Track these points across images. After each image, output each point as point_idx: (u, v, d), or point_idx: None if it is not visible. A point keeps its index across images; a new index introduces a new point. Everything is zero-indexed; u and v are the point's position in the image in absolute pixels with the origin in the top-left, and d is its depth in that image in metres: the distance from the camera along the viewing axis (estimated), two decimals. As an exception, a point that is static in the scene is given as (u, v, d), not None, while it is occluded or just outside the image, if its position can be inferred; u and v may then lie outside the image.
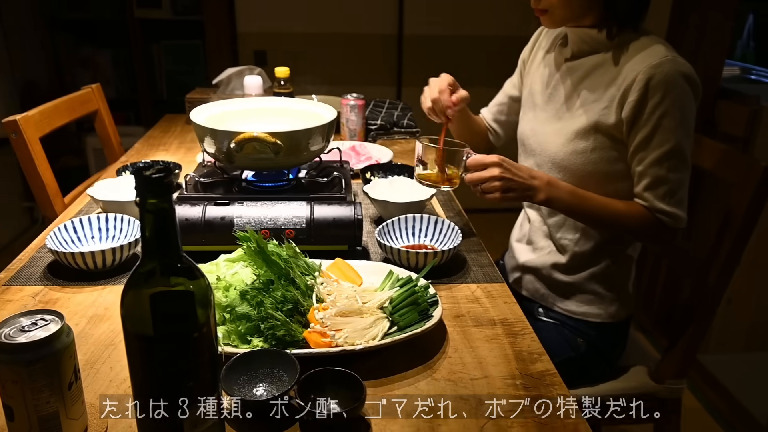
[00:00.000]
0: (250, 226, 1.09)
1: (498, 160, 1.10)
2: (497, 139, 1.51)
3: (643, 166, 1.15)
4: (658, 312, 2.52)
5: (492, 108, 1.52)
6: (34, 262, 1.11)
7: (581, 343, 1.30)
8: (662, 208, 1.15)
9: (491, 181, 1.09)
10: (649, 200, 1.16)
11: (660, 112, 1.10)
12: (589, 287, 1.30)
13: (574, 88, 1.23)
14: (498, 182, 1.09)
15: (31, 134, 1.39)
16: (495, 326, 0.96)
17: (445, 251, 1.08)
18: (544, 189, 1.14)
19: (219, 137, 1.17)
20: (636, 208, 1.18)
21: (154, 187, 0.56)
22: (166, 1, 3.33)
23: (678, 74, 1.09)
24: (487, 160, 1.10)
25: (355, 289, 0.94)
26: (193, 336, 0.60)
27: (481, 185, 1.10)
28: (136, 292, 0.60)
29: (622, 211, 1.18)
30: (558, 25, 1.22)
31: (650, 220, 1.17)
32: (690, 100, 1.12)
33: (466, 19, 3.16)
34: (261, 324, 0.83)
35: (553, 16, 1.17)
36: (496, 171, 1.09)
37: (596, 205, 1.18)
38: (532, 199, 1.14)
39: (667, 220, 1.16)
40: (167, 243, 0.59)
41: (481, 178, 1.10)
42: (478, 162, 1.10)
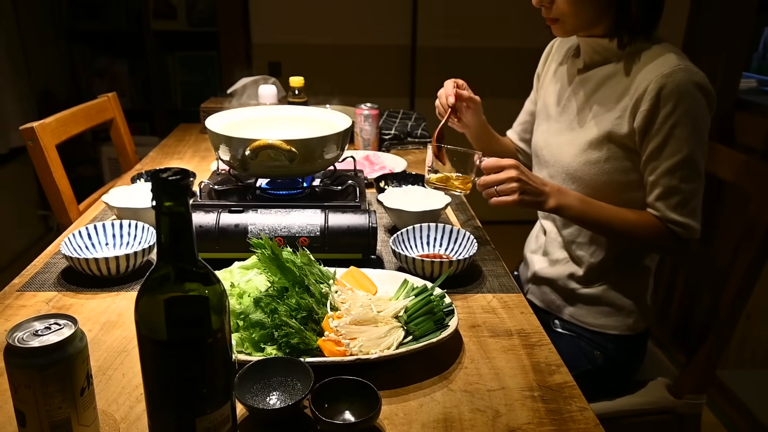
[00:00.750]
0: (264, 233, 1.09)
1: (515, 163, 1.10)
2: (527, 159, 1.50)
3: (655, 176, 1.14)
4: (674, 325, 2.48)
5: (516, 128, 1.51)
6: (49, 268, 1.11)
7: (598, 355, 1.28)
8: (674, 218, 1.13)
9: (508, 182, 1.09)
10: (661, 210, 1.14)
11: (672, 122, 1.09)
12: (606, 299, 1.28)
13: (586, 98, 1.22)
14: (515, 183, 1.09)
15: (47, 141, 1.40)
16: (512, 337, 0.95)
17: (460, 260, 1.07)
18: (555, 195, 1.13)
19: (234, 144, 1.16)
20: (647, 218, 1.16)
21: (171, 189, 0.56)
22: (182, 12, 3.37)
23: (690, 83, 1.08)
24: (503, 162, 1.10)
25: (369, 298, 0.92)
26: (207, 342, 0.59)
27: (498, 186, 1.09)
28: (151, 297, 0.59)
29: (633, 220, 1.17)
30: (569, 35, 1.21)
31: (662, 230, 1.15)
32: (703, 109, 1.10)
33: (480, 30, 3.16)
34: (275, 332, 0.82)
35: (564, 26, 1.17)
36: (513, 173, 1.08)
37: (606, 213, 1.17)
38: (543, 205, 1.13)
39: (679, 231, 1.14)
40: (183, 247, 0.58)
41: (498, 179, 1.09)
42: (494, 164, 1.10)
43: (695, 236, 1.15)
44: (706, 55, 2.41)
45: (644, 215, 1.17)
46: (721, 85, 2.36)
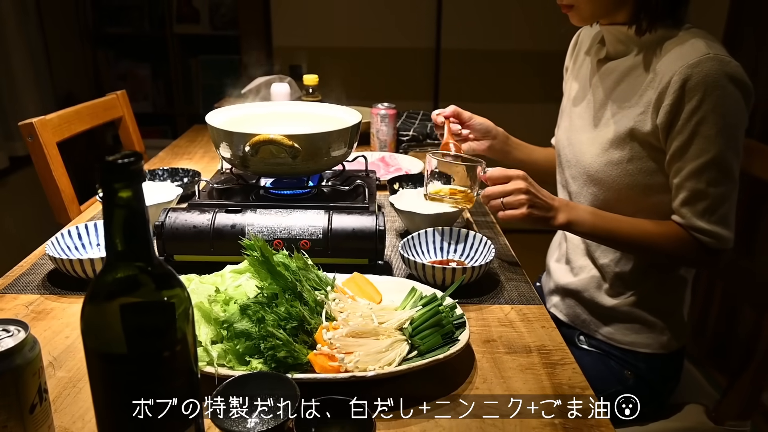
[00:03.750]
0: (262, 235, 1.01)
1: (523, 173, 1.01)
2: None
3: (679, 179, 1.02)
4: (712, 341, 2.32)
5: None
6: (35, 269, 1.05)
7: (629, 375, 1.16)
8: (701, 226, 1.02)
9: (516, 194, 1.00)
10: (687, 217, 1.03)
11: (697, 118, 0.97)
12: (636, 313, 1.16)
13: (609, 92, 1.11)
14: (524, 195, 1.00)
15: (47, 138, 1.34)
16: (530, 354, 0.84)
17: (475, 267, 0.97)
18: (564, 210, 1.04)
19: (234, 140, 1.09)
20: (670, 228, 1.05)
21: (120, 174, 0.47)
22: (205, 16, 3.35)
23: (721, 74, 0.95)
24: (510, 172, 1.02)
25: (371, 307, 0.83)
26: (167, 355, 0.51)
27: (505, 199, 1.00)
28: (101, 304, 0.51)
29: (654, 232, 1.05)
30: (587, 22, 1.10)
31: (687, 241, 1.04)
32: (736, 103, 0.97)
33: (506, 32, 3.06)
34: (261, 343, 0.73)
35: (580, 12, 1.06)
36: (521, 184, 1.00)
37: (623, 226, 1.06)
38: (552, 221, 1.03)
39: (707, 240, 1.02)
40: (137, 244, 0.50)
41: (505, 191, 1.00)
42: (501, 174, 1.02)
43: (726, 246, 1.03)
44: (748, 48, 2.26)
45: (666, 225, 1.05)
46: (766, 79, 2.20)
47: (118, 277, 0.50)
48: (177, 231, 1.01)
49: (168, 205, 1.15)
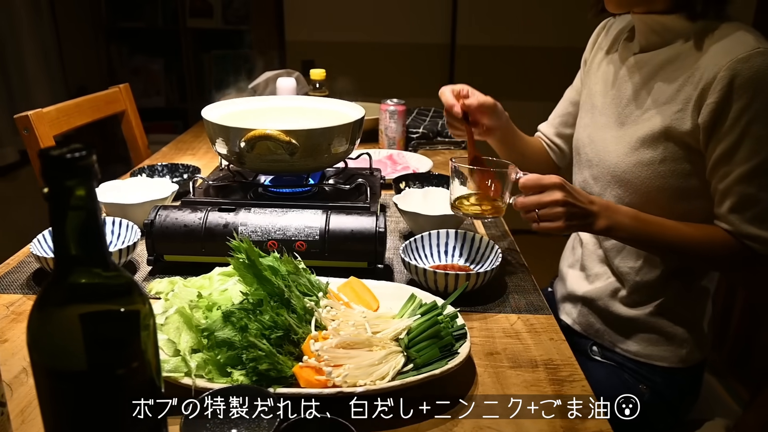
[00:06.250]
0: (256, 236, 0.96)
1: (559, 181, 0.91)
2: (561, 159, 1.30)
3: (726, 183, 0.95)
4: (732, 352, 2.23)
5: (553, 121, 1.31)
6: (21, 268, 1.01)
7: (644, 390, 1.09)
8: (752, 232, 0.94)
9: (552, 206, 0.91)
10: (735, 224, 0.95)
11: (748, 118, 0.90)
12: (654, 324, 1.09)
13: (640, 87, 1.04)
14: (561, 208, 0.90)
15: (43, 131, 1.31)
16: (537, 369, 0.78)
17: (480, 274, 0.91)
18: (604, 214, 0.95)
19: (229, 135, 1.04)
20: (715, 233, 0.98)
21: (67, 171, 0.42)
22: (218, 11, 3.32)
23: None
24: (546, 180, 0.91)
25: (365, 316, 0.78)
26: (118, 373, 0.46)
27: (540, 211, 0.91)
28: (49, 314, 0.46)
29: (699, 237, 0.98)
30: (623, 8, 1.02)
31: (733, 247, 0.96)
32: None
33: (523, 28, 2.98)
34: (243, 354, 0.68)
35: None
36: (558, 194, 0.90)
37: (665, 230, 0.98)
38: (592, 227, 0.95)
39: (756, 246, 0.95)
40: (91, 248, 0.45)
41: (541, 202, 0.91)
42: (536, 183, 0.91)
43: None
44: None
45: (711, 230, 0.98)
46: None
47: (70, 285, 0.45)
48: (167, 230, 0.97)
49: (161, 203, 1.10)
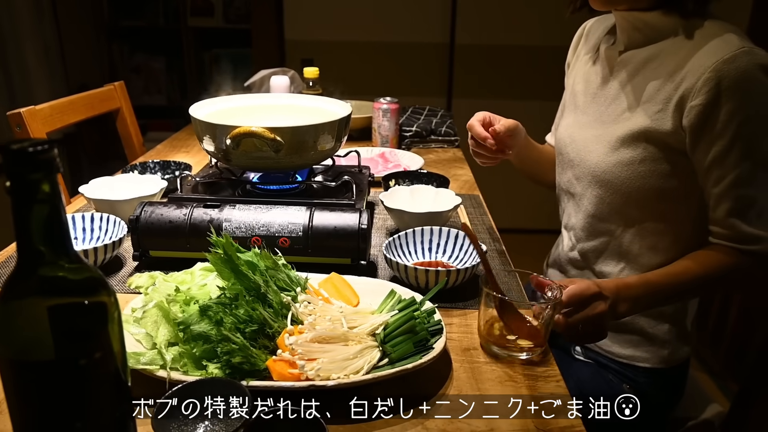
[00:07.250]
0: (240, 232, 0.96)
1: (596, 288, 0.88)
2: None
3: (722, 187, 0.93)
4: (728, 349, 2.22)
5: (555, 130, 1.31)
6: (10, 262, 1.02)
7: (628, 390, 1.09)
8: (752, 232, 0.92)
9: (596, 319, 0.88)
10: (734, 227, 0.93)
11: (738, 120, 0.88)
12: (634, 325, 1.09)
13: (622, 86, 1.03)
14: (602, 319, 0.89)
15: (36, 128, 1.32)
16: (513, 364, 0.79)
17: (460, 270, 0.92)
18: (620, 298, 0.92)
19: (215, 132, 1.05)
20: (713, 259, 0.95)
21: (29, 165, 0.43)
22: (219, 9, 3.33)
23: (755, 68, 0.87)
24: (587, 292, 0.87)
25: (342, 311, 0.78)
26: (81, 363, 0.47)
27: (583, 326, 0.88)
28: (15, 306, 0.47)
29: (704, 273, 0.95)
30: (609, 5, 1.01)
31: (737, 261, 0.94)
32: None
33: (522, 28, 2.98)
34: (218, 347, 0.69)
35: None
36: (603, 306, 0.88)
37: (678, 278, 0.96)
38: (615, 315, 0.92)
39: (758, 248, 0.93)
40: (54, 241, 0.46)
41: (588, 317, 0.87)
42: (579, 297, 0.86)
43: None
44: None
45: (708, 259, 0.96)
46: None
47: (34, 278, 0.46)
48: (152, 226, 0.98)
49: (149, 199, 1.11)
